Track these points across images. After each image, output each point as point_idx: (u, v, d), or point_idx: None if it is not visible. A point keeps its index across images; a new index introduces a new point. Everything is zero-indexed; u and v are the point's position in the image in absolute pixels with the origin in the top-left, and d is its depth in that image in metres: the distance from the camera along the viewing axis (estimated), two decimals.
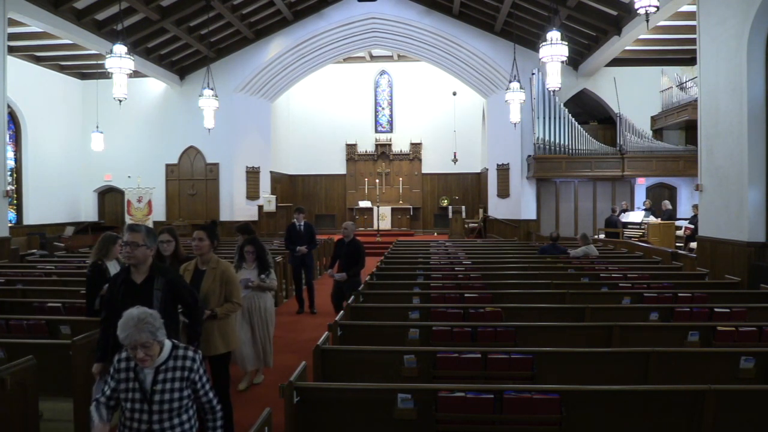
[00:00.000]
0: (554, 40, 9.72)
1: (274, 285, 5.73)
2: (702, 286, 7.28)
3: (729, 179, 8.28)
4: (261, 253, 5.63)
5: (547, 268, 8.83)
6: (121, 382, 2.64)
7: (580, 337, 4.75)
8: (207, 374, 2.77)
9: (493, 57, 17.39)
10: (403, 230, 21.42)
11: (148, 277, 3.51)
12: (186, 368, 2.64)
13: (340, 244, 7.73)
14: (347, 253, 7.50)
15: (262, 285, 5.54)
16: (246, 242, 5.74)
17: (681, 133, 17.32)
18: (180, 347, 2.71)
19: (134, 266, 3.48)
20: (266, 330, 5.64)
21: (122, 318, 2.56)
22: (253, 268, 5.62)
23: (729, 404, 3.16)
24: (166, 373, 2.61)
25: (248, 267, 5.67)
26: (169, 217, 18.37)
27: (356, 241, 7.66)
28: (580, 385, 3.32)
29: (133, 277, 3.49)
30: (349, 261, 7.48)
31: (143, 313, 2.56)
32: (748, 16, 7.78)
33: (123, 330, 2.52)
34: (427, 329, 4.74)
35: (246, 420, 4.62)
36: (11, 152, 16.04)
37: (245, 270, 5.63)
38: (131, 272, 3.50)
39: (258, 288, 5.53)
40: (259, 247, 5.65)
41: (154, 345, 2.56)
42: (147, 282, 3.49)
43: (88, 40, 13.84)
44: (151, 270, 3.52)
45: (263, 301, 5.64)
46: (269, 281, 5.60)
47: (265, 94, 19.29)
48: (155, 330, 2.55)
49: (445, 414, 3.17)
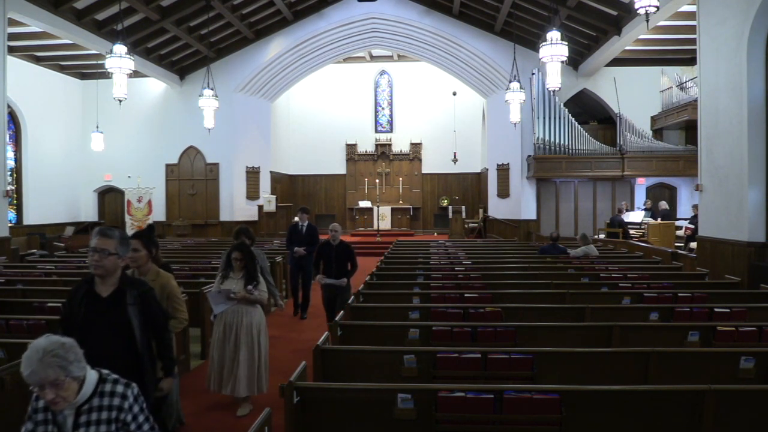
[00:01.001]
0: (554, 40, 9.73)
1: (264, 297, 5.05)
2: (702, 286, 7.28)
3: (729, 179, 8.28)
4: (249, 262, 5.05)
5: (547, 268, 8.83)
6: (38, 425, 2.18)
7: (580, 337, 4.74)
8: (146, 412, 2.31)
9: (493, 57, 17.39)
10: (403, 230, 21.42)
11: (117, 290, 2.95)
12: (115, 407, 2.18)
13: (326, 247, 7.19)
14: (338, 258, 7.03)
15: (247, 297, 4.89)
16: (233, 248, 5.13)
17: (681, 133, 17.32)
18: (108, 381, 2.22)
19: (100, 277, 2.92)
20: (259, 349, 4.94)
21: (27, 350, 2.08)
22: (241, 277, 5.01)
23: (729, 404, 3.16)
24: (90, 415, 2.16)
25: (235, 276, 5.07)
26: (169, 218, 18.38)
27: (345, 243, 7.21)
28: (580, 385, 3.32)
29: (98, 289, 2.92)
30: (341, 266, 7.05)
31: (52, 344, 2.07)
32: (748, 16, 7.78)
33: (26, 366, 2.05)
34: (427, 329, 4.74)
35: (246, 420, 4.63)
36: (11, 152, 16.05)
37: (231, 280, 5.05)
38: (95, 284, 2.93)
39: (244, 300, 4.89)
40: (247, 254, 5.07)
41: (68, 383, 2.08)
42: (115, 296, 2.94)
43: (88, 40, 13.84)
44: (121, 281, 2.98)
45: (251, 316, 4.96)
46: (257, 293, 4.96)
47: (265, 94, 19.29)
48: (67, 364, 2.06)
49: (445, 414, 3.17)
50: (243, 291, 4.88)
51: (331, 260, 7.03)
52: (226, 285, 4.97)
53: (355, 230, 21.72)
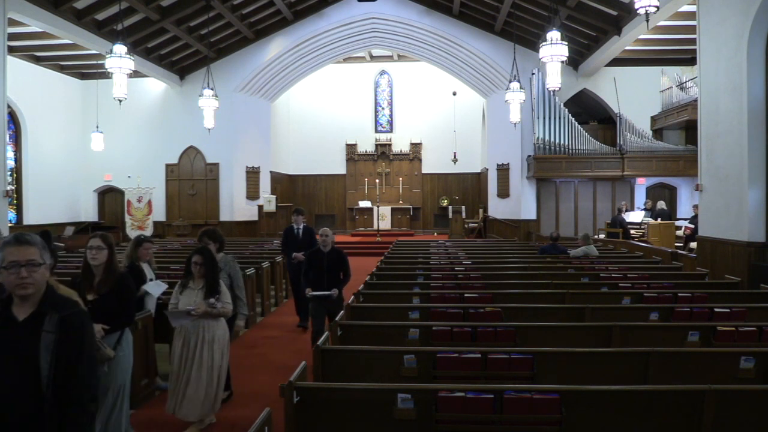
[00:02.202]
0: (554, 40, 9.72)
1: (228, 310, 4.52)
2: (702, 286, 7.28)
3: (729, 179, 8.28)
4: (209, 269, 4.45)
5: (547, 268, 8.83)
6: None
7: (580, 337, 4.74)
8: None
9: (493, 57, 17.39)
10: (403, 230, 21.42)
11: (36, 313, 2.21)
12: None
13: (316, 255, 6.39)
14: (329, 266, 6.26)
15: (209, 312, 4.35)
16: (195, 251, 4.52)
17: (681, 133, 17.32)
18: None
19: (28, 297, 2.20)
20: (219, 370, 4.42)
21: None
22: (201, 287, 4.44)
23: (729, 404, 3.15)
24: None
25: (195, 286, 4.47)
26: (169, 218, 18.38)
27: (338, 250, 6.45)
28: (580, 385, 3.32)
29: (15, 311, 2.21)
30: (333, 275, 6.27)
31: None
32: (748, 16, 7.78)
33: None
34: (427, 329, 4.74)
35: (246, 420, 4.62)
36: (11, 152, 16.04)
37: (191, 290, 4.47)
38: (13, 304, 2.22)
39: (205, 315, 4.37)
40: (209, 260, 4.49)
41: None
42: (32, 320, 2.19)
43: (88, 40, 13.84)
44: (41, 301, 2.24)
45: (213, 332, 4.42)
46: (220, 305, 4.42)
47: (265, 94, 19.29)
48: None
49: (445, 414, 3.17)
50: (204, 304, 4.34)
51: (323, 269, 6.22)
52: (185, 296, 4.47)
53: (355, 230, 21.73)
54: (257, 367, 6.27)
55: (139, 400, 5.02)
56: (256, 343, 7.34)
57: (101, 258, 3.90)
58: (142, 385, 5.15)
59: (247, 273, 8.21)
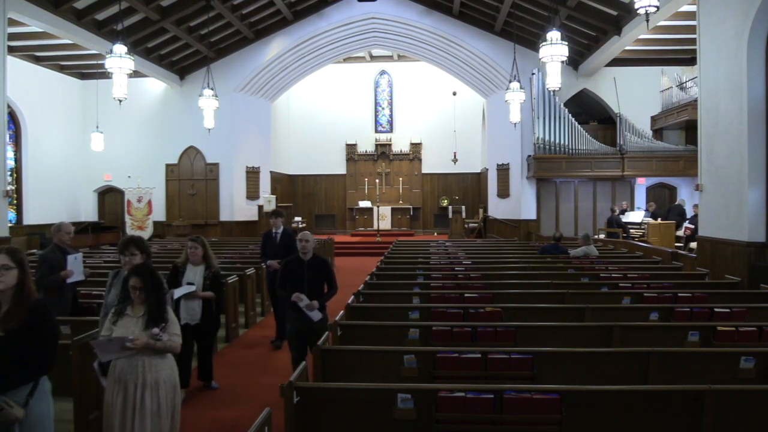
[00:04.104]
0: (554, 40, 9.72)
1: (176, 344, 3.55)
2: (702, 286, 7.28)
3: (729, 179, 8.28)
4: (152, 293, 3.51)
5: (547, 268, 8.83)
6: None
7: (580, 337, 4.75)
8: None
9: (493, 57, 17.39)
10: (403, 230, 21.43)
11: None
12: None
13: (294, 264, 5.32)
14: (310, 277, 5.23)
15: (151, 345, 3.42)
16: (131, 272, 3.59)
17: (681, 133, 17.32)
18: None
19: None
20: (168, 411, 3.49)
21: None
22: (142, 315, 3.50)
23: (729, 404, 3.16)
24: None
25: (134, 314, 3.53)
26: (169, 218, 18.37)
27: (320, 257, 5.47)
28: (580, 385, 3.32)
29: None
30: (315, 288, 5.23)
31: None
32: (748, 16, 7.78)
33: None
34: (427, 329, 4.74)
35: (246, 420, 4.62)
36: (11, 152, 16.03)
37: (128, 318, 3.52)
38: None
39: (146, 349, 3.41)
40: (150, 281, 3.52)
41: None
42: None
43: (88, 40, 13.84)
44: None
45: (157, 371, 3.45)
46: (166, 337, 3.48)
47: (265, 94, 19.29)
48: None
49: (445, 414, 3.17)
50: (145, 336, 3.42)
51: (302, 280, 5.19)
52: (121, 327, 3.49)
53: (355, 230, 21.74)
54: (257, 367, 6.26)
55: None
56: (256, 343, 7.33)
57: (8, 281, 2.87)
58: None
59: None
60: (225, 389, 5.51)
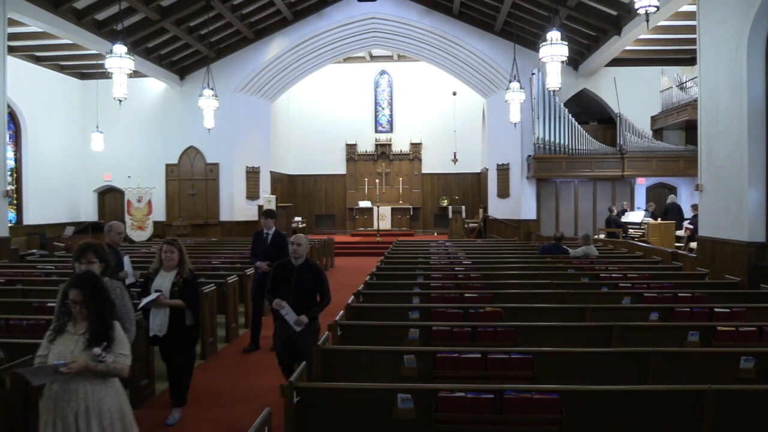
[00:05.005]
0: (554, 40, 9.72)
1: (122, 367, 3.05)
2: (702, 286, 7.28)
3: (729, 179, 8.28)
4: (96, 308, 3.02)
5: (547, 268, 8.83)
6: None
7: (580, 337, 4.75)
8: None
9: (493, 57, 17.39)
10: (403, 230, 21.43)
11: None
12: None
13: (284, 268, 4.92)
14: (298, 285, 4.79)
15: (91, 367, 2.93)
16: (70, 283, 3.08)
17: (681, 133, 17.32)
18: None
19: None
20: None
21: None
22: (83, 333, 3.01)
23: (729, 404, 3.16)
24: None
25: (75, 331, 3.04)
26: (169, 217, 18.37)
27: (313, 264, 5.01)
28: (580, 385, 3.32)
29: None
30: (303, 297, 4.79)
31: None
32: (748, 16, 7.78)
33: None
34: (427, 329, 4.74)
35: (246, 420, 4.63)
36: (11, 152, 16.04)
37: (68, 336, 3.02)
38: None
39: (85, 372, 2.92)
40: (93, 294, 3.03)
41: None
42: None
43: (88, 40, 13.84)
44: None
45: (99, 399, 2.98)
46: (110, 359, 2.98)
47: (265, 94, 19.29)
48: None
49: (445, 414, 3.17)
50: (84, 357, 2.93)
51: (289, 287, 4.78)
52: (60, 345, 3.01)
53: (355, 230, 21.74)
54: (257, 368, 6.26)
55: (141, 400, 5.04)
56: None
57: None
58: (143, 384, 5.12)
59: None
60: (225, 389, 5.51)
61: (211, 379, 5.79)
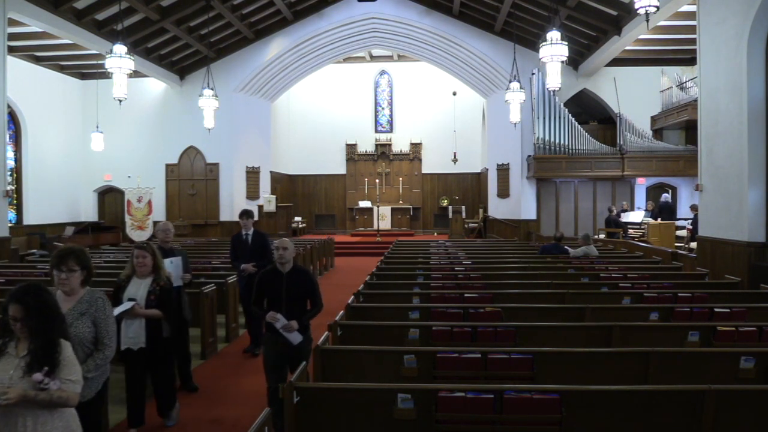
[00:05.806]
0: (554, 40, 9.73)
1: (69, 395, 2.59)
2: (702, 286, 7.27)
3: (729, 179, 8.28)
4: (39, 326, 2.58)
5: (547, 268, 8.83)
6: None
7: (580, 337, 4.74)
8: None
9: (493, 57, 17.40)
10: (403, 230, 21.43)
11: None
12: None
13: (270, 276, 4.47)
14: (290, 293, 4.39)
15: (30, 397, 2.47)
16: (11, 296, 2.61)
17: (681, 133, 17.33)
18: None
19: None
20: None
21: None
22: (24, 355, 2.57)
23: (729, 404, 3.15)
24: None
25: (17, 353, 2.60)
26: (169, 218, 18.35)
27: (301, 269, 4.62)
28: (580, 385, 3.32)
29: None
30: (295, 306, 4.39)
31: None
32: (748, 16, 7.78)
33: None
34: (427, 329, 4.74)
35: (246, 420, 4.63)
36: (11, 152, 16.04)
37: (8, 358, 2.59)
38: None
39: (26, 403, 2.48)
40: (36, 310, 2.58)
41: None
42: None
43: (88, 40, 13.84)
44: None
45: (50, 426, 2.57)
46: (55, 386, 2.52)
47: (265, 94, 19.29)
48: None
49: (445, 414, 3.17)
50: (23, 385, 2.49)
51: (280, 297, 4.38)
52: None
53: (355, 230, 21.74)
54: (257, 368, 6.25)
55: None
56: None
57: None
58: None
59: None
60: (225, 389, 5.52)
61: (211, 379, 5.79)
